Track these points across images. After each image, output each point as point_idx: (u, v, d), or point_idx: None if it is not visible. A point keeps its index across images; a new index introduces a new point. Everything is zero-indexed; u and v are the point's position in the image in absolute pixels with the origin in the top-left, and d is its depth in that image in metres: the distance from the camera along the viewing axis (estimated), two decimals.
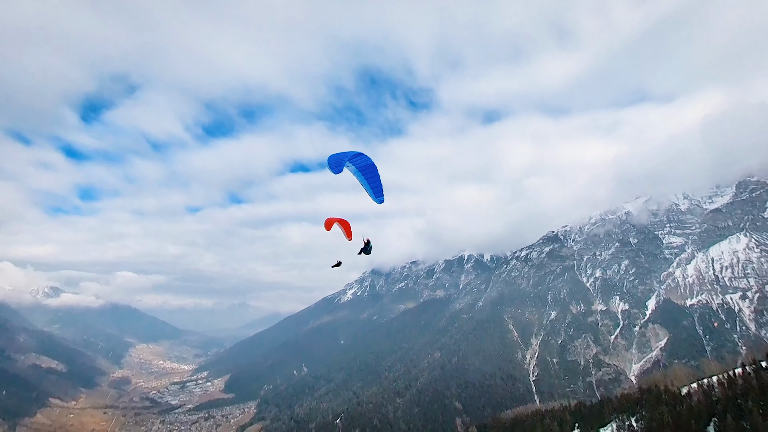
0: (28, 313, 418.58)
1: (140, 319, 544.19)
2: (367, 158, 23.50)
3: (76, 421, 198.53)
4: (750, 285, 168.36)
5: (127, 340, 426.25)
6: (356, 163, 23.58)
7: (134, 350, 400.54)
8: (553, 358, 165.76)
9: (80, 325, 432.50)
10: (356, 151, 23.22)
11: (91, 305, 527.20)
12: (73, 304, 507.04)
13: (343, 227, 26.52)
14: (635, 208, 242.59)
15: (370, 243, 26.97)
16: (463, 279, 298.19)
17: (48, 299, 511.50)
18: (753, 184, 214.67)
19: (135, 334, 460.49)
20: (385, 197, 25.23)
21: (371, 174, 24.17)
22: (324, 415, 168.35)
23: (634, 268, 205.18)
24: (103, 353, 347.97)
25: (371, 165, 23.78)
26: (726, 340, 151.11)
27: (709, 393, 53.69)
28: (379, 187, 24.65)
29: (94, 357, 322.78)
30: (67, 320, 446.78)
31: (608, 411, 61.90)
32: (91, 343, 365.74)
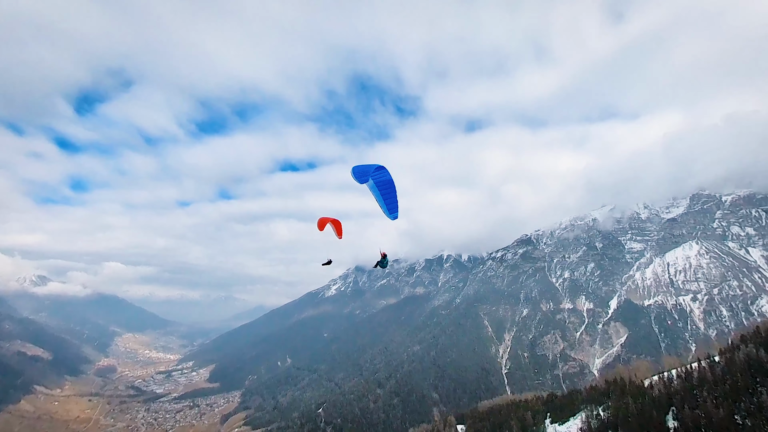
0: (15, 300, 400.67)
1: (127, 309, 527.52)
2: (387, 174, 22.58)
3: (60, 408, 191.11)
4: (700, 288, 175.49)
5: (113, 330, 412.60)
6: (375, 178, 22.58)
7: (120, 339, 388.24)
8: (524, 353, 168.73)
9: (67, 313, 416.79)
10: (378, 165, 22.61)
11: (78, 294, 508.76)
12: (60, 293, 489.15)
13: (334, 227, 26.04)
14: (601, 215, 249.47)
15: (387, 257, 25.74)
16: (442, 277, 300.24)
17: (35, 287, 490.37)
18: (705, 197, 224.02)
19: (121, 323, 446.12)
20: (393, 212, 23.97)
21: (388, 190, 23.15)
22: (307, 404, 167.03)
23: (599, 270, 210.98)
24: (89, 342, 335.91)
25: (390, 181, 22.85)
26: (678, 338, 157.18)
27: (668, 385, 55.60)
28: (394, 203, 23.51)
29: (79, 345, 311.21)
30: (53, 309, 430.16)
31: (578, 402, 63.31)
32: (77, 332, 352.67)
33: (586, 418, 57.28)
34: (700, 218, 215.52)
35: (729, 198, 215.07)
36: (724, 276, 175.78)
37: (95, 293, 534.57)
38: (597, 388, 64.70)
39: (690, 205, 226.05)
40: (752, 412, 45.17)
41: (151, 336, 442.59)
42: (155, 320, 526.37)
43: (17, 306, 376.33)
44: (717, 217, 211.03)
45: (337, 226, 26.05)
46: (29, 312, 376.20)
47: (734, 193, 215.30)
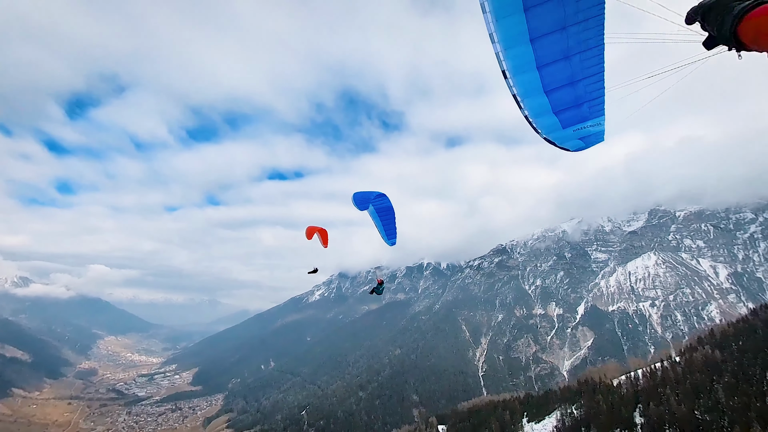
0: None
1: (110, 311, 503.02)
2: (387, 200, 21.78)
3: (39, 411, 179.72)
4: (657, 295, 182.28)
5: (95, 332, 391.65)
6: (376, 205, 21.74)
7: (102, 342, 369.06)
8: (499, 356, 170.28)
9: (48, 315, 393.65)
10: (379, 192, 21.76)
11: (60, 296, 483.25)
12: (42, 295, 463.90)
13: (321, 236, 25.31)
14: (570, 227, 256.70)
15: (383, 284, 25.21)
16: (422, 284, 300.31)
17: (16, 288, 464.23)
18: (661, 212, 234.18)
19: (104, 326, 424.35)
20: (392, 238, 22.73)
21: (388, 217, 22.18)
22: (290, 407, 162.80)
23: (568, 278, 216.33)
24: (70, 344, 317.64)
25: (390, 208, 21.96)
26: (639, 341, 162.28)
27: (635, 384, 57.35)
28: (393, 230, 22.61)
29: (60, 348, 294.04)
30: (34, 310, 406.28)
31: (552, 401, 64.30)
32: (59, 334, 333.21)
33: (561, 416, 58.23)
34: (657, 231, 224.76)
35: (682, 213, 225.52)
36: (678, 284, 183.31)
37: (78, 295, 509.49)
38: (570, 388, 65.94)
39: (648, 219, 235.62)
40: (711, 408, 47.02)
41: (134, 339, 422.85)
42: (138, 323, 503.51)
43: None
44: (672, 231, 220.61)
45: (324, 235, 25.43)
46: (9, 313, 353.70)
47: (686, 209, 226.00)
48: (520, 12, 6.20)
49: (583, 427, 54.68)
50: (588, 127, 7.78)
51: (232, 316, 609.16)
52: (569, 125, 7.82)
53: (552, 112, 7.60)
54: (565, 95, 7.28)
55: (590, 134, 7.99)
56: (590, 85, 7.03)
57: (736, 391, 46.32)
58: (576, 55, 6.70)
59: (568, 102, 7.38)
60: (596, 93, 7.14)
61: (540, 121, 7.86)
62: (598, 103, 7.33)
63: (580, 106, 7.41)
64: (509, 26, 6.41)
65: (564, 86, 7.15)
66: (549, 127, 7.95)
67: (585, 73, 6.86)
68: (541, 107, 7.55)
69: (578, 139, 8.23)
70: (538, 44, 6.64)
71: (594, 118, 7.62)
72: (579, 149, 8.61)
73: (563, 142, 8.37)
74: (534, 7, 6.16)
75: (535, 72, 7.00)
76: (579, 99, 7.29)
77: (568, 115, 7.65)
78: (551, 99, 7.35)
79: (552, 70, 6.94)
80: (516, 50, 6.75)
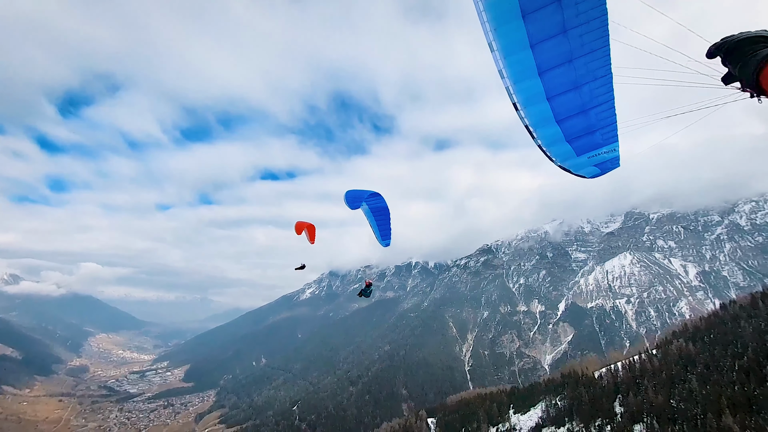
0: None
1: (101, 309, 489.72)
2: (382, 200, 20.69)
3: (29, 408, 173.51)
4: (633, 292, 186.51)
5: (86, 330, 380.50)
6: (370, 204, 20.73)
7: (94, 339, 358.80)
8: (485, 351, 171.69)
9: (39, 313, 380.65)
10: (373, 191, 20.59)
11: (51, 294, 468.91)
12: (33, 292, 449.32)
13: (308, 232, 24.66)
14: (552, 228, 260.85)
15: (372, 286, 23.96)
16: (410, 282, 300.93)
17: (6, 286, 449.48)
18: (636, 214, 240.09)
19: (95, 323, 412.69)
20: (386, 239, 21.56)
21: (383, 217, 21.14)
22: (282, 402, 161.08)
23: (550, 277, 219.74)
24: (61, 341, 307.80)
25: (385, 208, 20.90)
26: (615, 335, 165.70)
27: (615, 376, 58.49)
28: (387, 230, 21.56)
29: (51, 345, 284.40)
30: (25, 308, 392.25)
31: (537, 393, 65.09)
32: (49, 331, 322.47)
33: (546, 407, 59.00)
34: (632, 232, 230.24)
35: (655, 216, 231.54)
36: (651, 282, 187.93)
37: (70, 293, 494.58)
38: (554, 380, 66.90)
39: (624, 221, 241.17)
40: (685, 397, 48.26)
41: (126, 336, 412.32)
42: (130, 321, 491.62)
43: None
44: (646, 232, 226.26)
45: (311, 231, 24.81)
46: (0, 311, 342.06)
47: (660, 212, 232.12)
48: (527, 48, 6.37)
49: (567, 417, 55.53)
50: (602, 153, 7.75)
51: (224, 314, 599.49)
52: (583, 152, 7.78)
53: (565, 140, 7.61)
54: (577, 124, 7.33)
55: (605, 161, 7.92)
56: (601, 113, 7.08)
57: (709, 380, 47.68)
58: (585, 85, 6.78)
59: (581, 130, 7.41)
60: (608, 120, 7.17)
61: (554, 150, 7.91)
62: (611, 130, 7.34)
63: (593, 133, 7.40)
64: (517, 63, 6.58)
65: (575, 115, 7.20)
66: (563, 155, 7.99)
67: (595, 102, 6.93)
68: (554, 136, 7.60)
69: (593, 165, 8.16)
70: (547, 77, 6.77)
71: (608, 145, 7.56)
72: (595, 176, 8.48)
73: (578, 169, 8.35)
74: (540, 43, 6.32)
75: (545, 103, 7.08)
76: (591, 127, 7.30)
77: (581, 143, 7.66)
78: (563, 128, 7.39)
79: (563, 101, 7.03)
80: (526, 84, 6.86)
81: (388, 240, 21.71)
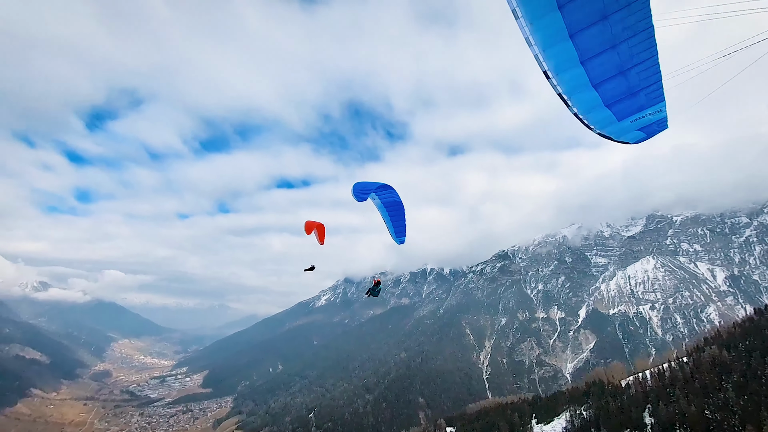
0: (16, 305, 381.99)
1: (124, 315, 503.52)
2: (395, 194, 19.36)
3: (56, 411, 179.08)
4: (657, 298, 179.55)
5: (110, 335, 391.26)
6: (382, 198, 19.39)
7: (116, 345, 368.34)
8: (503, 359, 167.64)
9: (65, 319, 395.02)
10: (383, 183, 19.20)
11: (77, 301, 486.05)
12: (61, 299, 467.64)
13: (318, 232, 23.76)
14: (570, 232, 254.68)
15: (380, 285, 22.65)
16: (425, 289, 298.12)
17: (36, 293, 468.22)
18: (658, 217, 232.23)
19: (118, 329, 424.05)
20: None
21: (396, 212, 19.72)
22: (298, 409, 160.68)
23: (569, 282, 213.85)
24: (86, 347, 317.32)
25: (398, 202, 19.48)
26: (640, 343, 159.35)
27: (643, 385, 55.88)
28: (402, 226, 20.16)
29: (76, 350, 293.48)
30: (53, 314, 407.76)
31: (561, 402, 62.85)
32: (75, 337, 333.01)
33: (570, 417, 56.81)
34: (654, 236, 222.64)
35: (679, 218, 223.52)
36: (677, 287, 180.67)
37: (94, 300, 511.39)
38: (578, 389, 64.48)
39: (646, 224, 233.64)
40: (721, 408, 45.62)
41: (147, 342, 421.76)
42: (151, 327, 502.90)
43: (18, 311, 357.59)
44: (669, 235, 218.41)
45: (321, 231, 23.91)
46: (29, 317, 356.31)
47: (683, 214, 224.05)
48: (554, 10, 5.90)
49: (593, 428, 53.26)
50: (647, 115, 7.04)
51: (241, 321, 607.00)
52: (625, 117, 7.19)
53: (604, 105, 7.04)
54: (617, 86, 6.74)
55: (650, 123, 7.20)
56: (643, 72, 6.41)
57: (746, 390, 45.02)
58: (622, 43, 6.13)
59: (621, 93, 6.81)
60: (652, 79, 6.44)
61: (592, 117, 7.35)
62: (656, 89, 6.58)
63: (635, 95, 6.76)
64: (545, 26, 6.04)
65: (614, 77, 6.61)
66: (603, 121, 7.39)
67: (635, 60, 6.31)
68: (592, 102, 7.02)
69: (637, 130, 7.45)
70: (579, 39, 6.20)
71: (653, 106, 6.86)
72: (640, 140, 7.78)
73: (620, 135, 7.64)
74: (568, 3, 5.78)
75: (579, 67, 6.55)
76: (633, 88, 6.69)
77: (622, 107, 6.98)
78: (601, 92, 6.84)
79: (598, 63, 6.47)
80: (556, 49, 6.35)
81: (402, 237, 20.42)
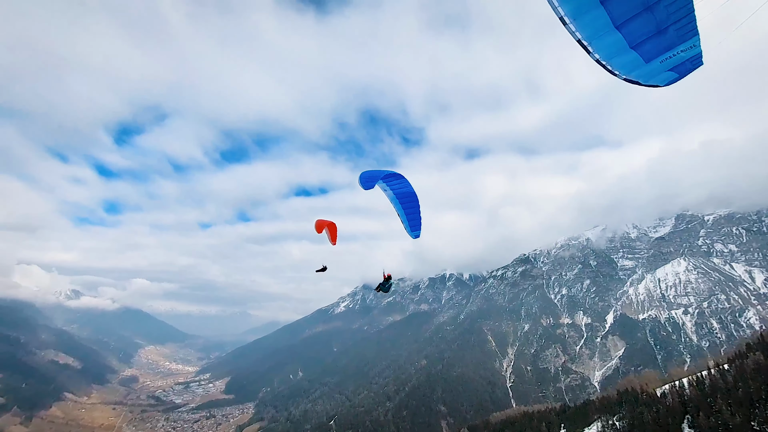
0: (51, 312, 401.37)
1: (150, 322, 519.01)
2: (407, 184, 17.95)
3: (87, 415, 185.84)
4: (690, 302, 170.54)
5: (137, 341, 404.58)
6: (394, 188, 17.96)
7: (143, 351, 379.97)
8: (527, 366, 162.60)
9: (96, 325, 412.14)
10: (392, 171, 17.71)
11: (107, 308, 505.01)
12: (91, 307, 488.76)
13: (330, 230, 22.66)
14: (594, 235, 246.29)
15: (391, 279, 21.25)
16: (445, 295, 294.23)
17: (69, 301, 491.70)
18: (688, 217, 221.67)
19: (144, 336, 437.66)
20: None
21: (410, 203, 18.30)
22: (319, 416, 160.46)
23: (595, 286, 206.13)
24: (115, 353, 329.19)
25: (411, 193, 18.01)
26: (673, 350, 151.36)
27: (681, 393, 52.66)
28: (417, 219, 18.71)
29: (106, 356, 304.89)
30: (84, 321, 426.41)
31: (591, 412, 59.99)
32: (105, 343, 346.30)
33: (602, 427, 54.09)
34: (685, 236, 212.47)
35: (711, 217, 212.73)
36: (712, 290, 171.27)
37: (122, 307, 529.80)
38: (609, 398, 61.40)
39: (675, 224, 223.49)
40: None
41: (172, 348, 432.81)
42: (175, 333, 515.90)
43: (53, 317, 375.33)
44: (701, 236, 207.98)
45: (333, 230, 22.78)
46: (63, 323, 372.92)
47: (716, 213, 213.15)
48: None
49: None
50: (679, 53, 6.35)
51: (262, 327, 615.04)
52: (653, 57, 6.56)
53: (629, 47, 6.42)
54: (642, 25, 6.10)
55: (683, 61, 6.51)
56: (672, 4, 5.71)
57: None
58: None
59: (648, 31, 6.16)
60: (683, 11, 5.73)
61: (616, 62, 6.79)
62: (688, 22, 5.86)
63: (664, 32, 6.08)
64: None
65: (639, 14, 5.97)
66: (629, 65, 6.78)
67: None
68: (615, 45, 6.43)
69: (668, 71, 6.75)
70: None
71: (685, 42, 6.15)
72: (671, 82, 7.09)
73: (649, 78, 7.00)
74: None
75: (600, 8, 5.92)
76: (661, 24, 5.99)
77: (650, 47, 6.36)
78: (625, 33, 6.23)
79: (619, 1, 5.86)
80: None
81: (418, 231, 19.13)
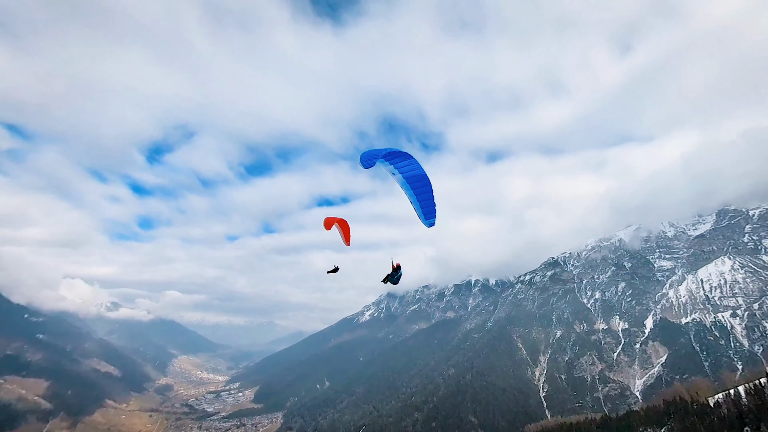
0: (93, 323, 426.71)
1: (183, 333, 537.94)
2: (417, 166, 15.97)
3: (126, 421, 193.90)
4: (739, 304, 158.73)
5: (170, 351, 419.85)
6: (402, 171, 16.16)
7: (177, 360, 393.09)
8: (561, 375, 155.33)
9: (133, 335, 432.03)
10: (397, 149, 15.58)
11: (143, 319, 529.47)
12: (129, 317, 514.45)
13: (342, 230, 20.83)
14: (627, 235, 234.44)
15: (400, 269, 20.16)
16: (471, 301, 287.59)
17: (109, 312, 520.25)
18: (731, 212, 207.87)
19: (178, 346, 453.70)
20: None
21: (422, 187, 16.48)
22: (346, 427, 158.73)
23: (630, 289, 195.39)
24: (151, 362, 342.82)
25: (422, 176, 16.20)
26: (722, 356, 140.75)
27: (737, 403, 48.35)
28: (431, 205, 17.08)
29: (143, 365, 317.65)
30: (123, 331, 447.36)
31: (635, 423, 56.07)
32: (141, 352, 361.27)
33: None
34: (729, 233, 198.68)
35: (756, 212, 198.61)
36: (762, 290, 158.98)
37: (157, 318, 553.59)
38: (655, 408, 57.28)
39: (717, 221, 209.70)
40: None
41: (203, 358, 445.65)
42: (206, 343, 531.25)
43: (95, 328, 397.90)
44: (747, 232, 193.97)
45: (345, 228, 20.81)
46: (104, 333, 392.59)
47: (761, 207, 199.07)
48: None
49: None
50: None
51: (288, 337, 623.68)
52: None
53: None
54: None
55: None
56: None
57: None
58: None
59: None
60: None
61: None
62: None
63: None
64: None
65: None
66: None
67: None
68: None
69: None
70: None
71: None
72: None
73: None
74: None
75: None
76: None
77: None
78: None
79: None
80: None
81: (432, 218, 17.67)
